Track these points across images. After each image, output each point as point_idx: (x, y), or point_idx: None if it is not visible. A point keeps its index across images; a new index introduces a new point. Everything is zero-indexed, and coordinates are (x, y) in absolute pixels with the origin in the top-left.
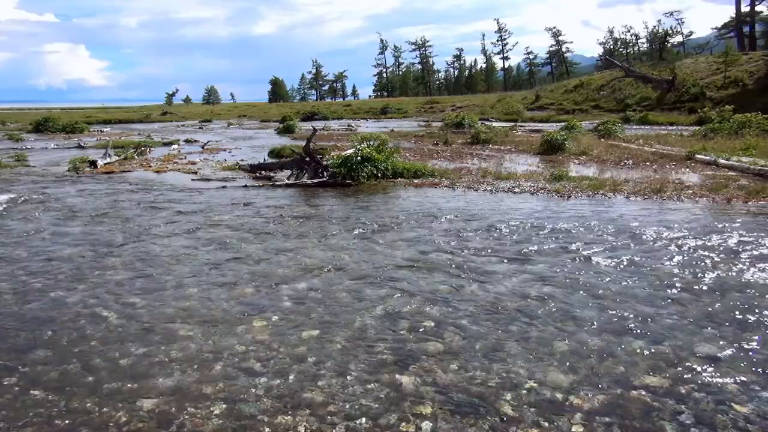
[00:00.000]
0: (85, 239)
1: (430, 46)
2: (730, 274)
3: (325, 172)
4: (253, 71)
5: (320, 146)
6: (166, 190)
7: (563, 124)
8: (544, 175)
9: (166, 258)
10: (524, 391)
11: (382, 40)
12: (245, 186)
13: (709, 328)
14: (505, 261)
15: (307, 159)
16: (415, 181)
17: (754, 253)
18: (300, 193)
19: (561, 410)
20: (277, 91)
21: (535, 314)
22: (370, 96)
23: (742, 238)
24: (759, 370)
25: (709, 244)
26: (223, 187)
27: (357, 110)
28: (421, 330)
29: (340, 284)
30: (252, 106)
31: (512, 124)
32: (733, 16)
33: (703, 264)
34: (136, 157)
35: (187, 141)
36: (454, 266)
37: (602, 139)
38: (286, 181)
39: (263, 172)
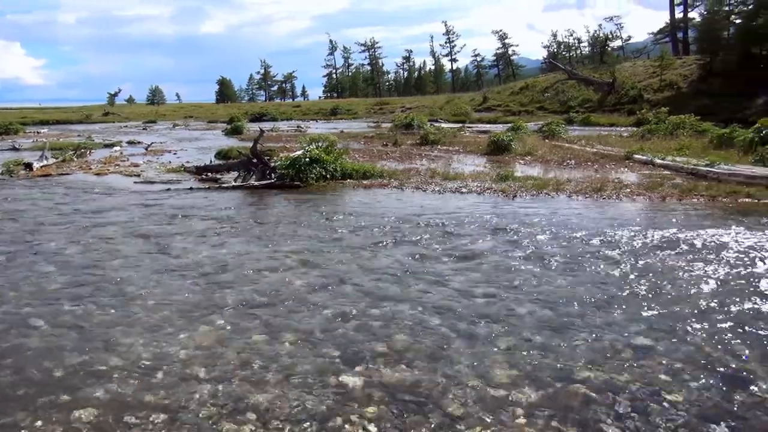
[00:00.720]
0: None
1: (379, 47)
2: (665, 268)
3: (273, 174)
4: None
5: (268, 147)
6: (102, 193)
7: (510, 125)
8: (490, 176)
9: (98, 262)
10: (469, 389)
11: (331, 41)
12: (191, 188)
13: (645, 320)
14: (453, 260)
15: (255, 160)
16: (365, 182)
17: (686, 248)
18: (247, 195)
19: (504, 405)
20: (224, 92)
21: (481, 312)
22: (320, 97)
23: (677, 234)
24: (689, 359)
25: (645, 240)
26: (168, 189)
27: (307, 111)
28: (367, 331)
29: (286, 287)
30: (199, 106)
31: (460, 125)
32: (668, 22)
33: (640, 260)
34: (75, 159)
35: (130, 142)
36: (401, 266)
37: (547, 140)
38: (233, 183)
39: (210, 173)
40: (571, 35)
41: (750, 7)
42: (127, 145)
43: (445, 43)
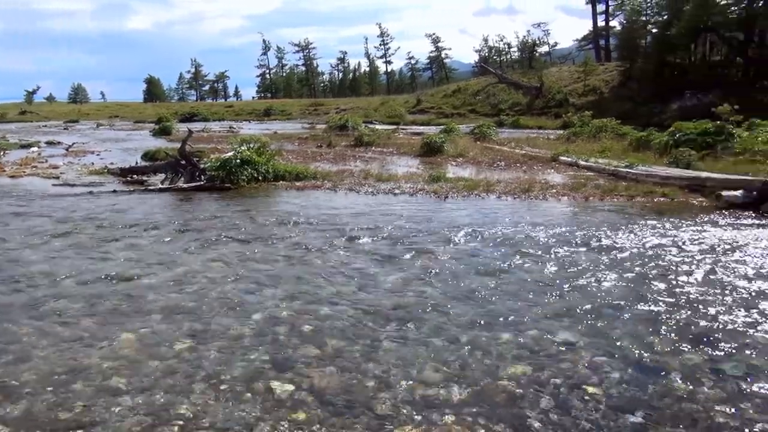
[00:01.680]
0: None
1: (313, 47)
2: (586, 266)
3: (202, 176)
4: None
5: (199, 149)
6: (17, 196)
7: (442, 127)
8: (423, 177)
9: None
10: (400, 390)
11: (264, 41)
12: (114, 191)
13: (567, 316)
14: (383, 261)
15: (183, 162)
16: (297, 183)
17: (607, 245)
18: (175, 198)
19: (433, 405)
20: (152, 91)
21: (411, 313)
22: (253, 97)
23: (598, 233)
24: (608, 353)
25: (569, 239)
26: (90, 192)
27: (239, 111)
28: (298, 335)
29: (214, 291)
30: (125, 105)
31: (395, 126)
32: (591, 29)
33: (563, 258)
34: None
35: (50, 143)
36: (333, 268)
37: (478, 142)
38: (160, 186)
39: (135, 175)
40: (502, 40)
41: (664, 17)
42: (46, 146)
43: (380, 45)
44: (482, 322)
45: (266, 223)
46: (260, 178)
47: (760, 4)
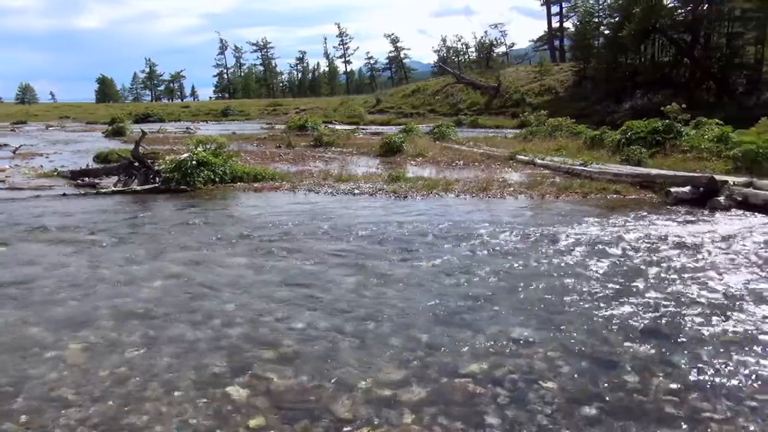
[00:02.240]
0: None
1: (272, 47)
2: (542, 262)
3: (157, 178)
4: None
5: (154, 150)
6: None
7: (402, 127)
8: (382, 177)
9: None
10: (358, 391)
11: (221, 40)
12: (64, 194)
13: (524, 313)
14: (340, 263)
15: (137, 164)
16: (256, 185)
17: (561, 242)
18: (128, 201)
19: (392, 405)
20: (105, 91)
21: (370, 314)
22: (210, 97)
23: (553, 229)
24: (563, 347)
25: (526, 236)
26: (37, 196)
27: (196, 112)
28: (254, 338)
29: (168, 296)
30: (76, 106)
31: (354, 127)
32: (547, 31)
33: (520, 255)
34: None
35: None
36: (292, 270)
37: (437, 142)
38: (113, 188)
39: (87, 178)
40: (460, 40)
41: (616, 19)
42: None
43: (339, 45)
44: (441, 321)
45: (222, 224)
46: (217, 179)
47: (704, 7)
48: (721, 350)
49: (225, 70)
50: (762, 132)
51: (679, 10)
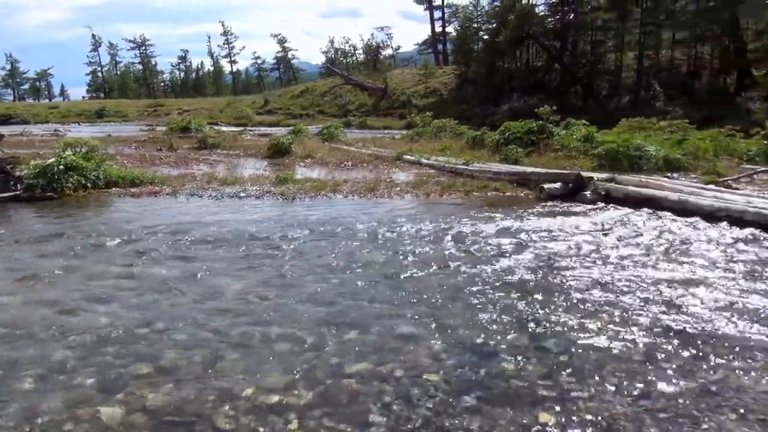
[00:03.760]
0: None
1: (151, 45)
2: (426, 259)
3: (19, 184)
4: None
5: (16, 154)
6: None
7: (291, 128)
8: (270, 179)
9: None
10: (241, 401)
11: (94, 35)
12: None
13: (409, 309)
14: (228, 267)
15: None
16: (133, 189)
17: (445, 239)
18: None
19: (278, 412)
20: None
21: (255, 318)
22: (83, 97)
23: (437, 227)
24: (446, 341)
25: (411, 234)
26: None
27: (67, 113)
28: (129, 353)
29: (28, 315)
30: None
31: (242, 128)
32: (430, 34)
33: (404, 253)
34: None
35: None
36: (171, 278)
37: (326, 143)
38: None
39: None
40: (347, 42)
41: (493, 26)
42: None
43: (224, 44)
44: (326, 322)
45: (92, 234)
46: (89, 185)
47: (571, 16)
48: (587, 334)
49: (99, 68)
50: (621, 132)
51: (549, 19)
